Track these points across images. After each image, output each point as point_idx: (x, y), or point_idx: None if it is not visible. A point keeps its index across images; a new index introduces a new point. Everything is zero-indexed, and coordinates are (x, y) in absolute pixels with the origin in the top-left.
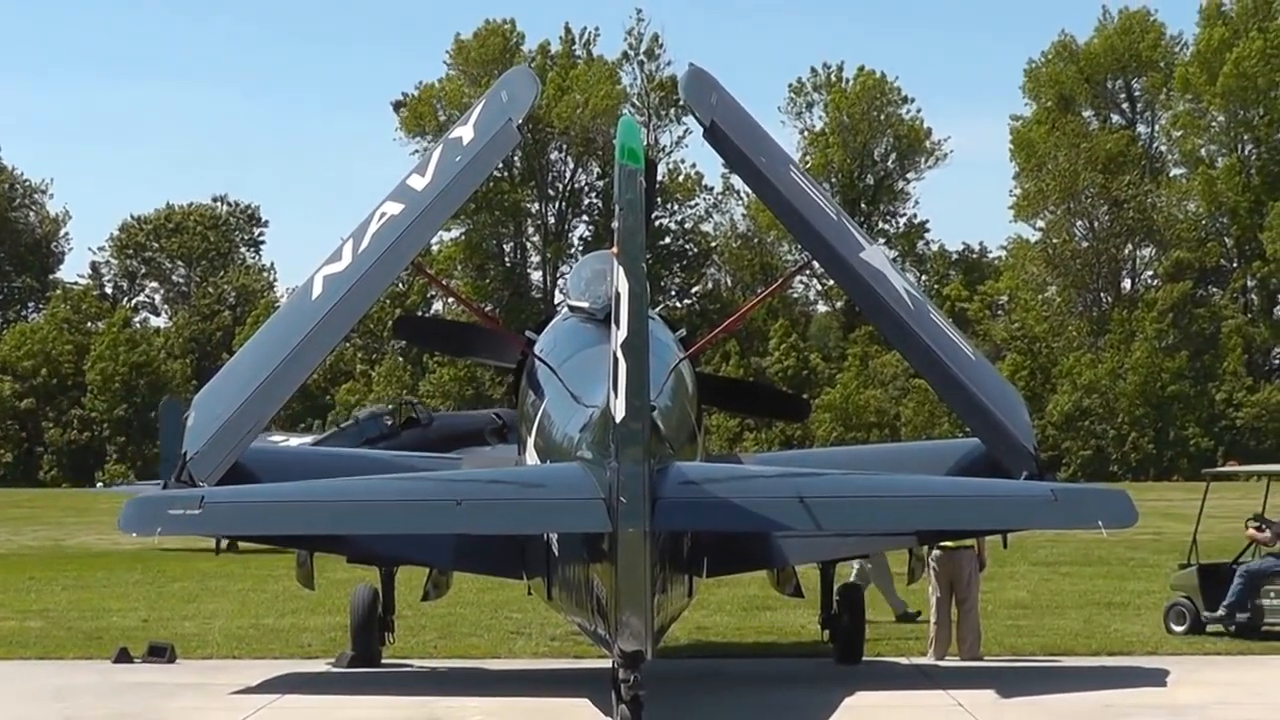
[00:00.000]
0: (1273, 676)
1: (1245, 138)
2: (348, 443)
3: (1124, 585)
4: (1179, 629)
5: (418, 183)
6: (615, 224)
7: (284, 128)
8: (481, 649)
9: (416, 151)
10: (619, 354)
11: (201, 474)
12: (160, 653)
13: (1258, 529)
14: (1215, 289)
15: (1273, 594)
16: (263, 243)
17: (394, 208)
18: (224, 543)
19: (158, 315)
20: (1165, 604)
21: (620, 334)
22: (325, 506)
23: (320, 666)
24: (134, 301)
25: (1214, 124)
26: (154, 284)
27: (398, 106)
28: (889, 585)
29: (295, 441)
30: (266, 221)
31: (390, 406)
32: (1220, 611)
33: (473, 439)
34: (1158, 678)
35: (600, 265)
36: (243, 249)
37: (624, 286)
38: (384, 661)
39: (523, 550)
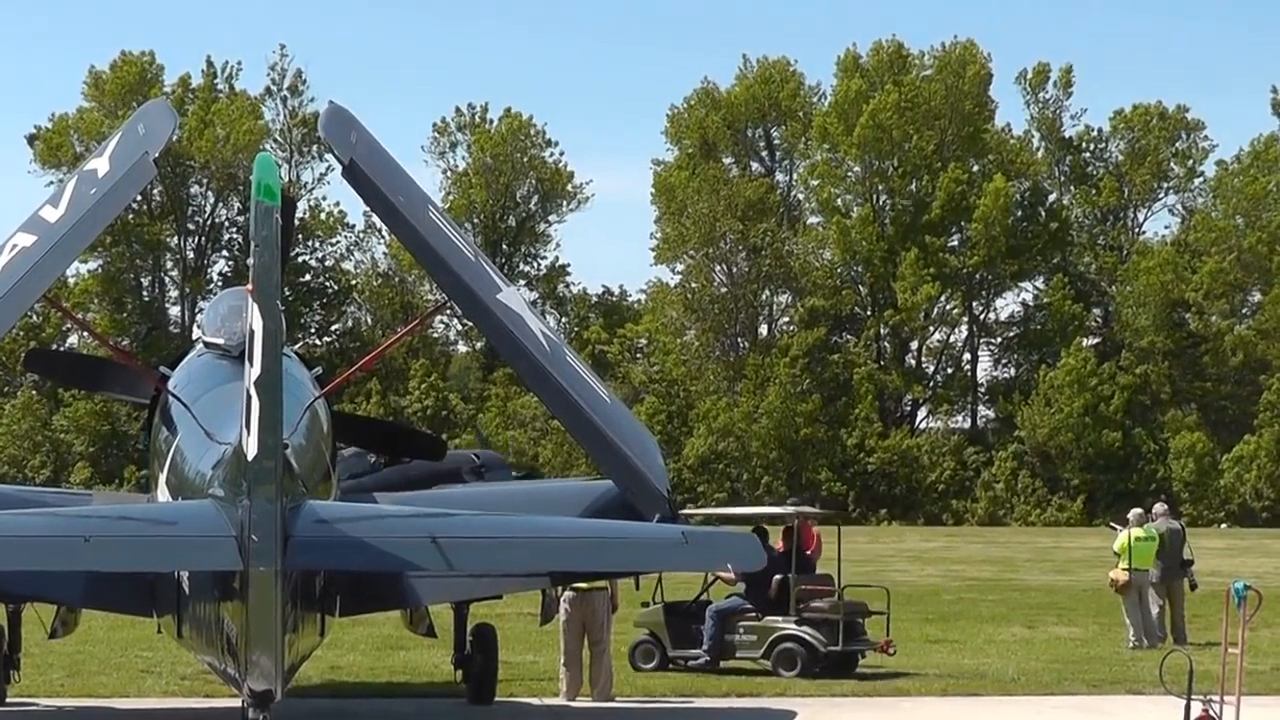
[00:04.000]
0: (896, 718)
1: (880, 188)
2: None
3: None
4: (647, 666)
5: (51, 214)
6: (251, 261)
7: None
8: (110, 688)
9: (52, 184)
10: (252, 391)
11: None
12: None
13: (724, 569)
14: (849, 336)
15: (742, 630)
16: None
17: (26, 239)
18: None
19: None
20: (631, 643)
21: (254, 371)
22: None
23: None
24: None
25: (850, 174)
26: None
27: (32, 139)
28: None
29: None
30: None
31: None
32: (703, 654)
33: (451, 478)
34: (785, 719)
35: (236, 301)
36: None
37: (258, 324)
38: (9, 701)
39: (153, 588)
